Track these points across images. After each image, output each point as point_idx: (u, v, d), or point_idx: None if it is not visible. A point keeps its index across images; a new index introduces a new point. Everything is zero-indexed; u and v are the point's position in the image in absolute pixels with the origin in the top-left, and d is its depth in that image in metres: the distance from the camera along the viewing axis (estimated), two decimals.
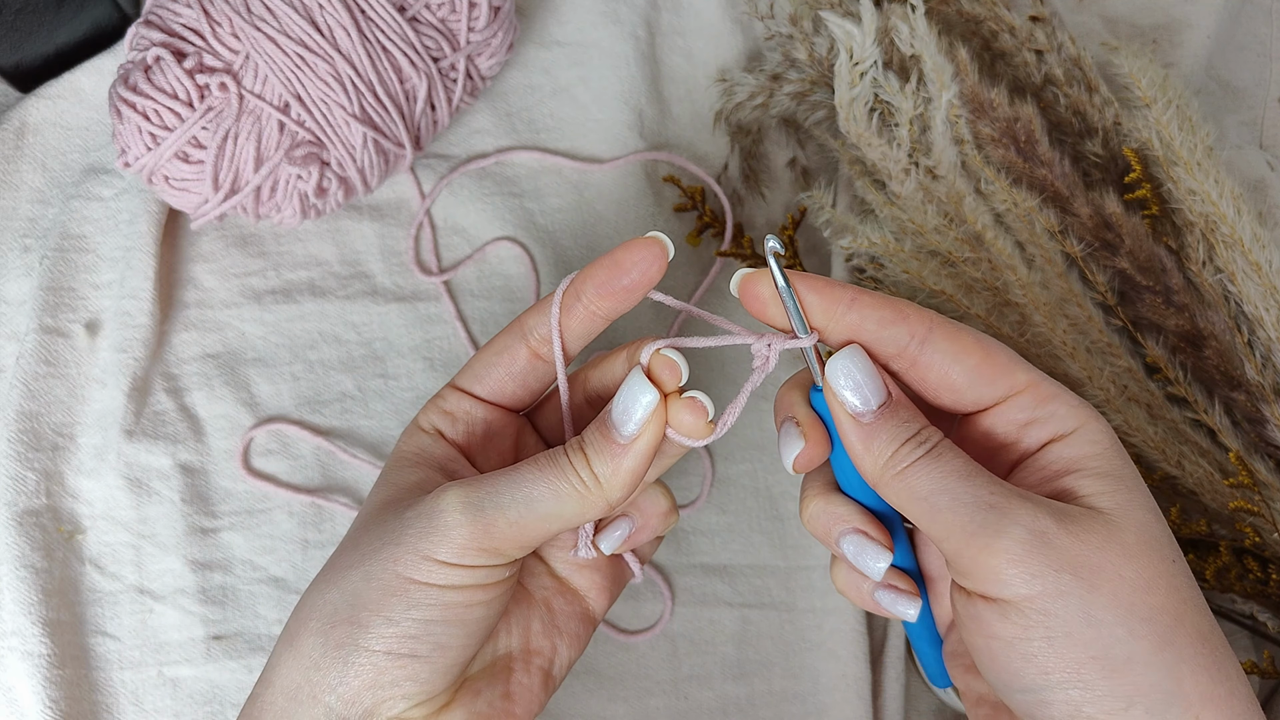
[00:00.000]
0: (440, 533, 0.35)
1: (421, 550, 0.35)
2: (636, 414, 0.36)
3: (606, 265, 0.37)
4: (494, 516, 0.35)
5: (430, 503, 0.36)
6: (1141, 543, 0.32)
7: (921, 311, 0.36)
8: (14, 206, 0.60)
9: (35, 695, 0.52)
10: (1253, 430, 0.53)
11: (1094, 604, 0.31)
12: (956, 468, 0.34)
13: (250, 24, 0.53)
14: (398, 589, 0.35)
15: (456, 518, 0.35)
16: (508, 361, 0.40)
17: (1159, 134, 0.53)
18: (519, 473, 0.36)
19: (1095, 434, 0.34)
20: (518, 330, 0.40)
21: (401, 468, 0.40)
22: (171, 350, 0.59)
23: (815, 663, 0.58)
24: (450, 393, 0.41)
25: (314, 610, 0.36)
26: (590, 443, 0.36)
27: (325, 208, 0.58)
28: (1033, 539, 0.32)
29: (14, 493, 0.55)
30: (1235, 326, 0.52)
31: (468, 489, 0.36)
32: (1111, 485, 0.34)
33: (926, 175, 0.53)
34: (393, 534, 0.36)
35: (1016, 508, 0.32)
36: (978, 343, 0.35)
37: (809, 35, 0.59)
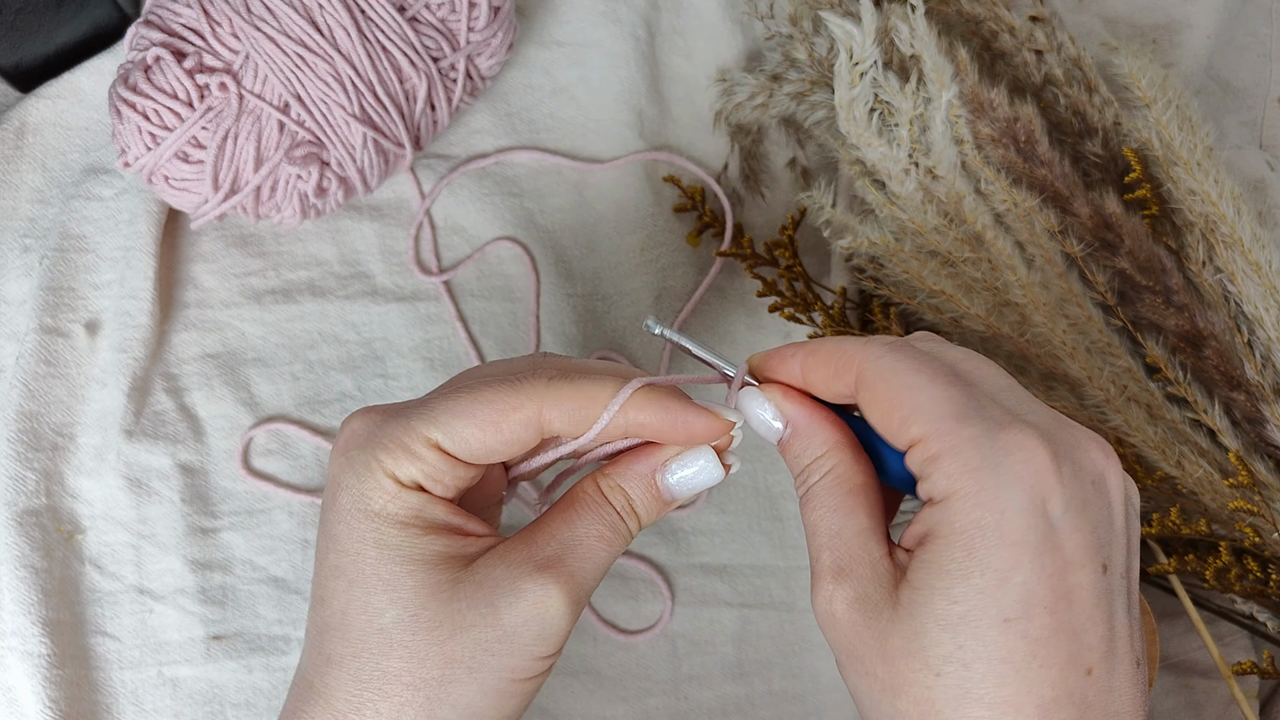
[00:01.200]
0: (553, 635, 0.36)
1: (536, 654, 0.36)
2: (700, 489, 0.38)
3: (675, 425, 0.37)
4: (585, 602, 0.37)
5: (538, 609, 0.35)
6: (903, 650, 0.33)
7: (850, 360, 0.36)
8: (14, 206, 0.60)
9: (35, 695, 0.52)
10: (1252, 430, 0.53)
11: (856, 688, 0.35)
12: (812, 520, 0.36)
13: (250, 24, 0.53)
14: (514, 692, 0.36)
15: (565, 619, 0.36)
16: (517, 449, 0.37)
17: (1159, 134, 0.53)
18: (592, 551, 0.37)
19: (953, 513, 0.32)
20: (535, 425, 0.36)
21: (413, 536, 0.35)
22: (171, 350, 0.59)
23: (815, 663, 0.58)
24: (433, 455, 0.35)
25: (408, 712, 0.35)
26: (640, 503, 0.38)
27: (325, 208, 0.58)
28: (824, 617, 0.35)
29: (14, 493, 0.55)
30: (1235, 326, 0.52)
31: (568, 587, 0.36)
32: (925, 579, 0.32)
33: (926, 175, 0.53)
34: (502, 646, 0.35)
35: (821, 584, 0.35)
36: (885, 394, 0.34)
37: (809, 35, 0.59)
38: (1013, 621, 0.31)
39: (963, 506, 0.32)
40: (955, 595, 0.32)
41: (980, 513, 0.32)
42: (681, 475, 0.38)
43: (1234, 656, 0.56)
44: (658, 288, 0.62)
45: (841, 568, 0.34)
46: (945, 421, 0.33)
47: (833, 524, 0.35)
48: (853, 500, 0.36)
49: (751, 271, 0.60)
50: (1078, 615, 0.32)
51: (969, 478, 0.32)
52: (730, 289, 0.63)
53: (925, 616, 0.32)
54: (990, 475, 0.32)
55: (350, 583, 0.35)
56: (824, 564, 0.35)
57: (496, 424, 0.35)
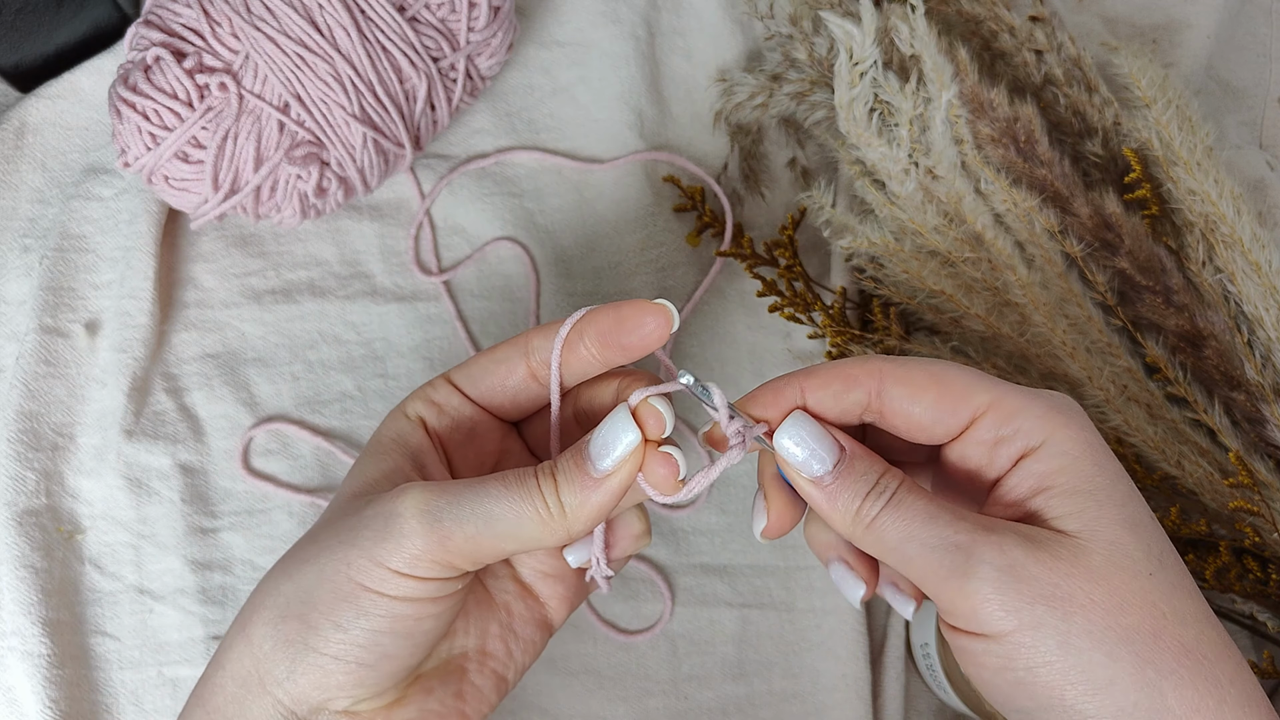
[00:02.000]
0: (395, 539, 0.34)
1: (375, 556, 0.35)
2: (616, 451, 0.35)
3: (611, 317, 0.37)
4: (451, 528, 0.34)
5: (388, 503, 0.35)
6: (1110, 563, 0.33)
7: (868, 366, 0.36)
8: (14, 206, 0.60)
9: (35, 695, 0.52)
10: (1252, 430, 0.53)
11: (1069, 631, 0.32)
12: (918, 511, 0.34)
13: (250, 24, 0.53)
14: (348, 594, 0.35)
15: (413, 525, 0.34)
16: (504, 373, 0.40)
17: (1159, 134, 0.53)
18: (484, 486, 0.35)
19: (1063, 444, 0.34)
20: (521, 346, 0.39)
21: (375, 454, 0.39)
22: (171, 350, 0.59)
23: (815, 663, 0.58)
24: (442, 384, 0.40)
25: (267, 600, 0.36)
26: (563, 470, 0.35)
27: (325, 208, 0.58)
28: (1001, 575, 0.32)
29: (14, 493, 0.55)
30: (1235, 326, 0.52)
31: (428, 495, 0.35)
32: (1078, 504, 0.33)
33: (926, 175, 0.53)
34: (350, 533, 0.36)
35: (982, 545, 0.33)
36: (930, 377, 0.36)
37: (809, 35, 0.59)
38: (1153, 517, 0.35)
39: (1070, 434, 0.34)
40: (1118, 500, 0.34)
41: (1085, 434, 0.35)
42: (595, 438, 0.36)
43: None
44: (658, 288, 0.62)
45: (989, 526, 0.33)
46: (1003, 386, 0.35)
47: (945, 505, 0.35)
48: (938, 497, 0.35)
49: (751, 271, 0.60)
50: None
51: (1057, 414, 0.35)
52: (730, 289, 0.63)
53: (1111, 525, 0.33)
54: (1068, 410, 0.35)
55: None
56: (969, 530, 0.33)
57: (492, 352, 0.40)
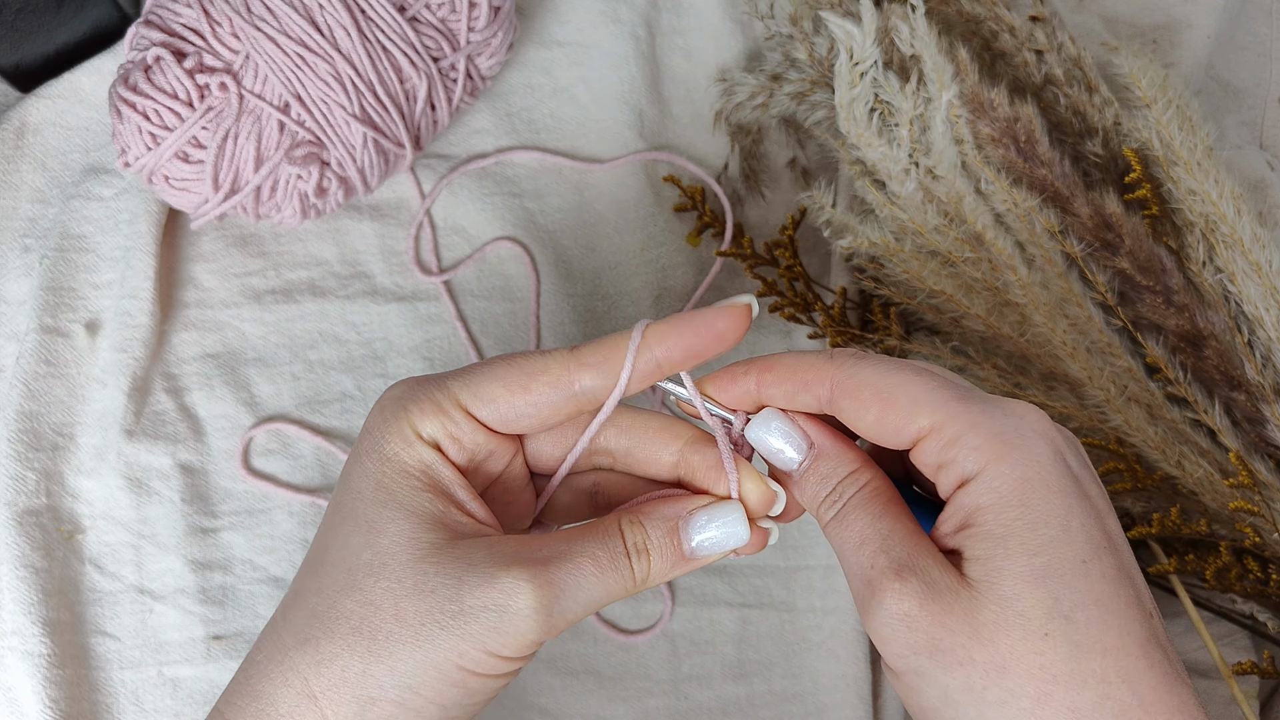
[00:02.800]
0: (511, 634, 0.34)
1: (490, 648, 0.34)
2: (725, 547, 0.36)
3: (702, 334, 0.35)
4: (559, 621, 0.34)
5: (501, 599, 0.34)
6: (998, 620, 0.31)
7: (821, 371, 0.35)
8: (14, 206, 0.60)
9: (35, 695, 0.52)
10: (1253, 430, 0.53)
11: (950, 685, 0.32)
12: (855, 533, 0.35)
13: (250, 24, 0.53)
14: (458, 681, 0.34)
15: (529, 623, 0.34)
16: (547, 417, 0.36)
17: (1159, 134, 0.53)
18: (582, 572, 0.35)
19: (994, 479, 0.33)
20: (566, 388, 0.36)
21: (413, 488, 0.35)
22: (171, 350, 0.59)
23: (815, 663, 0.58)
24: (459, 415, 0.36)
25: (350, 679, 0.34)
26: (657, 549, 0.36)
27: (325, 208, 0.58)
28: (895, 621, 0.33)
29: (14, 493, 0.55)
30: (1235, 326, 0.52)
31: (540, 591, 0.34)
32: (987, 549, 0.32)
33: (926, 175, 0.53)
34: (454, 622, 0.34)
35: (885, 588, 0.33)
36: (875, 394, 0.34)
37: (809, 35, 0.59)
38: (1089, 563, 0.32)
39: (1003, 469, 0.33)
40: (1031, 548, 0.32)
41: (1023, 469, 0.32)
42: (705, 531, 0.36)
43: (1234, 656, 0.56)
44: (658, 288, 0.62)
45: (904, 565, 0.33)
46: (952, 405, 0.34)
47: (882, 528, 0.34)
48: (895, 507, 0.35)
49: (751, 271, 0.60)
50: (1125, 558, 0.33)
51: (997, 443, 0.33)
52: (730, 289, 0.63)
53: (1010, 578, 0.32)
54: (1016, 438, 0.33)
55: (341, 519, 0.36)
56: (881, 567, 0.33)
57: (525, 385, 0.36)
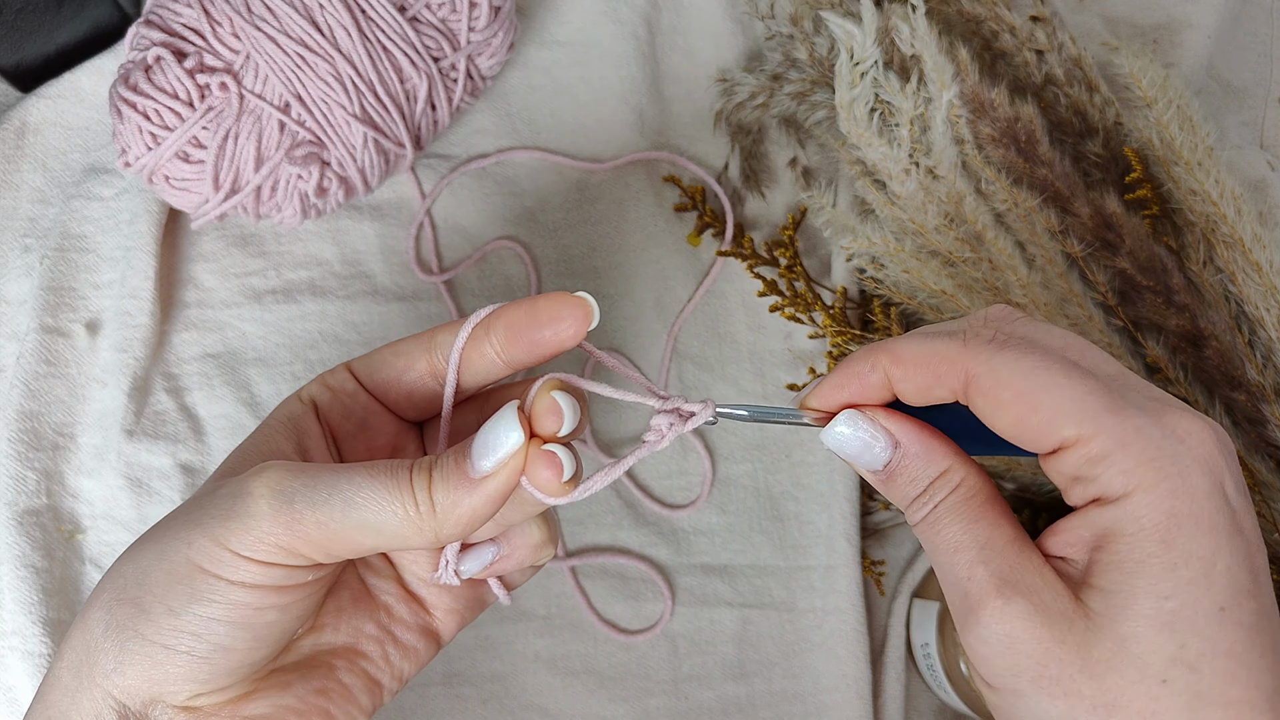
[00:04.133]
0: (240, 519, 0.31)
1: (217, 536, 0.32)
2: (497, 452, 0.32)
3: (524, 310, 0.35)
4: (302, 511, 0.31)
5: (241, 482, 0.32)
6: (1112, 660, 0.30)
7: (955, 365, 0.32)
8: (14, 206, 0.60)
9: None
10: (1253, 430, 0.53)
11: (1049, 713, 0.30)
12: (949, 539, 0.33)
13: (250, 24, 0.53)
14: (184, 576, 0.32)
15: (262, 505, 0.31)
16: (402, 367, 0.37)
17: (1159, 134, 0.53)
18: (349, 472, 0.32)
19: (1140, 508, 0.30)
20: (425, 342, 0.37)
21: (259, 432, 0.36)
22: (172, 350, 0.59)
23: (815, 663, 0.58)
24: (340, 370, 0.38)
25: (107, 582, 0.33)
26: (440, 467, 0.33)
27: (325, 207, 0.58)
28: (996, 641, 0.31)
29: (14, 492, 0.55)
30: (1235, 327, 0.52)
31: (283, 474, 0.32)
32: (1116, 582, 0.30)
33: (927, 175, 0.53)
34: (198, 511, 0.33)
35: (986, 605, 0.31)
36: (1017, 398, 0.31)
37: (809, 35, 0.59)
38: (1227, 610, 0.30)
39: (1150, 499, 0.30)
40: (1164, 590, 0.29)
41: (1173, 502, 0.30)
42: (479, 439, 0.33)
43: None
44: (658, 287, 0.62)
45: (1007, 580, 0.31)
46: (1102, 417, 0.30)
47: (979, 535, 0.32)
48: (994, 511, 0.33)
49: (752, 271, 0.60)
50: (1265, 601, 0.31)
51: (1149, 469, 0.30)
52: (731, 289, 0.63)
53: (1135, 619, 0.30)
54: (1172, 464, 0.30)
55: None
56: (981, 581, 0.31)
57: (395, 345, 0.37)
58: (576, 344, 0.35)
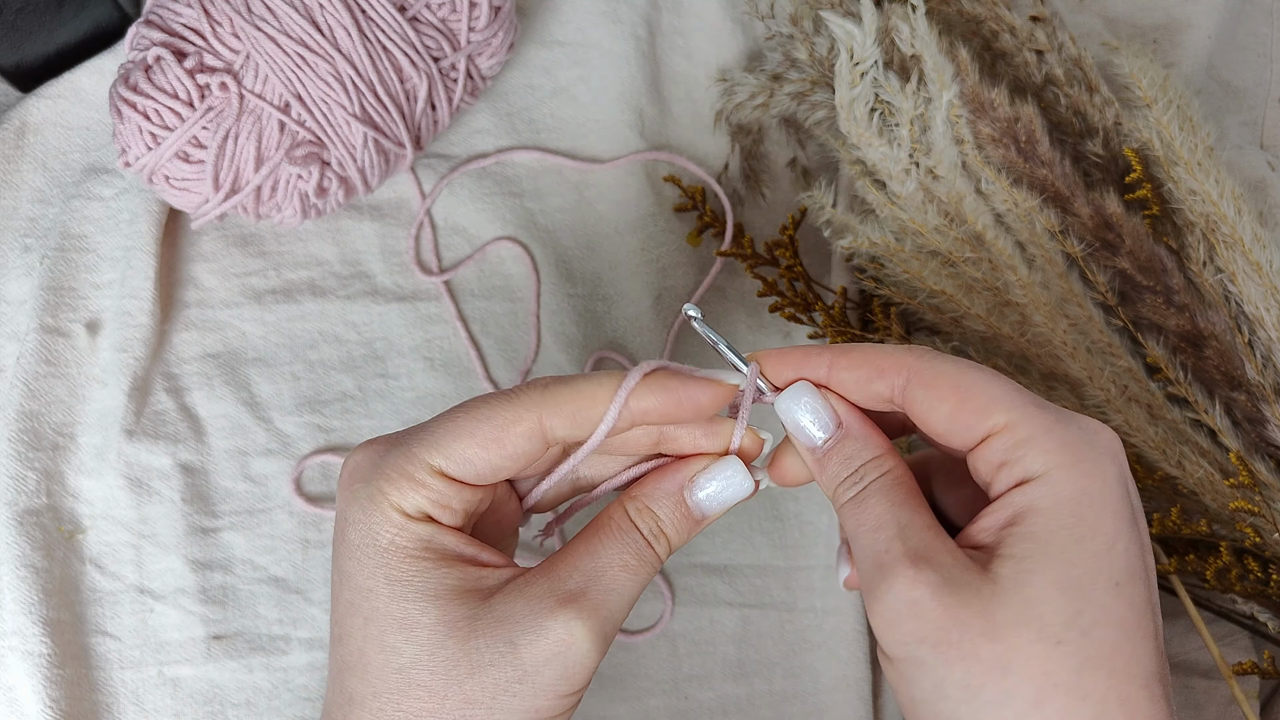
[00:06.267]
0: (577, 672, 0.34)
1: (560, 692, 0.34)
2: (731, 502, 0.37)
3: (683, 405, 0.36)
4: (612, 635, 0.35)
5: (559, 648, 0.34)
6: (1014, 621, 0.31)
7: (899, 361, 0.35)
8: (14, 206, 0.60)
9: (36, 695, 0.52)
10: (1253, 430, 0.53)
11: (946, 679, 0.32)
12: (873, 516, 0.35)
13: (251, 24, 0.53)
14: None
15: (591, 656, 0.34)
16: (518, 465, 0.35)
17: (1159, 134, 0.53)
18: (618, 582, 0.35)
19: (1056, 484, 0.32)
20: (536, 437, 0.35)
21: (423, 570, 0.34)
22: (172, 350, 0.59)
23: (815, 663, 0.58)
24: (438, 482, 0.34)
25: None
26: (669, 523, 0.37)
27: (325, 207, 0.58)
28: (901, 607, 0.32)
29: (14, 492, 0.55)
30: (1236, 327, 0.52)
31: (591, 623, 0.34)
32: (1026, 549, 0.32)
33: (927, 175, 0.53)
34: (523, 687, 0.34)
35: (897, 573, 0.33)
36: (953, 387, 0.34)
37: (809, 35, 0.59)
38: (1121, 586, 0.32)
39: (1066, 477, 0.32)
40: (1071, 558, 0.32)
41: (1086, 481, 0.32)
42: (709, 488, 0.37)
43: (1234, 656, 0.56)
44: (658, 288, 0.62)
45: (919, 554, 0.33)
46: (1029, 408, 0.34)
47: (900, 517, 0.34)
48: (915, 499, 0.35)
49: (752, 271, 0.60)
50: (1153, 594, 0.33)
51: (1068, 452, 0.33)
52: (731, 289, 0.63)
53: (1041, 581, 0.31)
54: (1088, 450, 0.33)
55: (365, 620, 0.34)
56: (896, 554, 0.33)
57: (498, 439, 0.34)
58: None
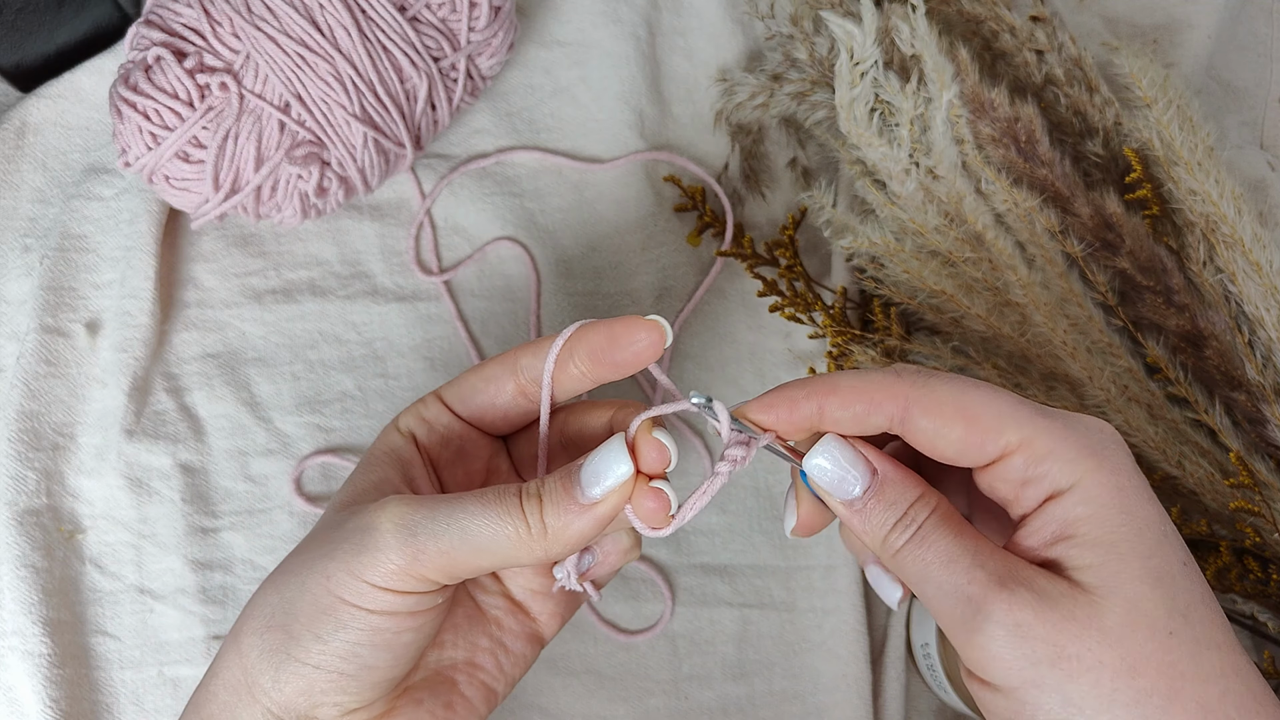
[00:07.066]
0: (371, 553, 0.35)
1: (353, 569, 0.35)
2: (606, 481, 0.35)
3: (603, 334, 0.37)
4: (426, 542, 0.35)
5: (367, 517, 0.36)
6: (1125, 623, 0.31)
7: (894, 390, 0.35)
8: (14, 206, 0.60)
9: (36, 695, 0.52)
10: (1253, 430, 0.53)
11: (1075, 693, 0.31)
12: (939, 553, 0.34)
13: (251, 24, 0.53)
14: (328, 606, 0.35)
15: (389, 539, 0.35)
16: (493, 392, 0.40)
17: (1159, 134, 0.53)
18: (462, 502, 0.35)
19: (1090, 489, 0.33)
20: (510, 363, 0.40)
21: (367, 466, 0.40)
22: (172, 350, 0.59)
23: (815, 663, 0.58)
24: (433, 401, 0.41)
25: (255, 610, 0.37)
26: (549, 492, 0.36)
27: (325, 207, 0.58)
28: (1008, 634, 0.32)
29: (14, 492, 0.55)
30: (1236, 326, 0.52)
31: (404, 508, 0.35)
32: (1099, 556, 0.32)
33: (927, 175, 0.53)
34: (330, 545, 0.36)
35: (992, 601, 0.32)
36: (958, 410, 0.34)
37: (809, 35, 0.59)
38: (1188, 564, 0.33)
39: (1099, 478, 0.33)
40: (1145, 551, 0.32)
41: (1115, 478, 0.33)
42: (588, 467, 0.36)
43: None
44: (658, 288, 0.62)
45: (1006, 577, 0.32)
46: (1037, 420, 0.34)
47: (969, 546, 0.33)
48: (969, 527, 0.35)
49: (752, 271, 0.60)
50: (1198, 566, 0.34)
51: (1089, 456, 0.33)
52: (731, 289, 0.63)
53: (1132, 580, 0.32)
54: (1103, 448, 0.33)
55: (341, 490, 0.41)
56: (983, 582, 0.32)
57: (480, 368, 0.41)
58: (654, 360, 0.37)
